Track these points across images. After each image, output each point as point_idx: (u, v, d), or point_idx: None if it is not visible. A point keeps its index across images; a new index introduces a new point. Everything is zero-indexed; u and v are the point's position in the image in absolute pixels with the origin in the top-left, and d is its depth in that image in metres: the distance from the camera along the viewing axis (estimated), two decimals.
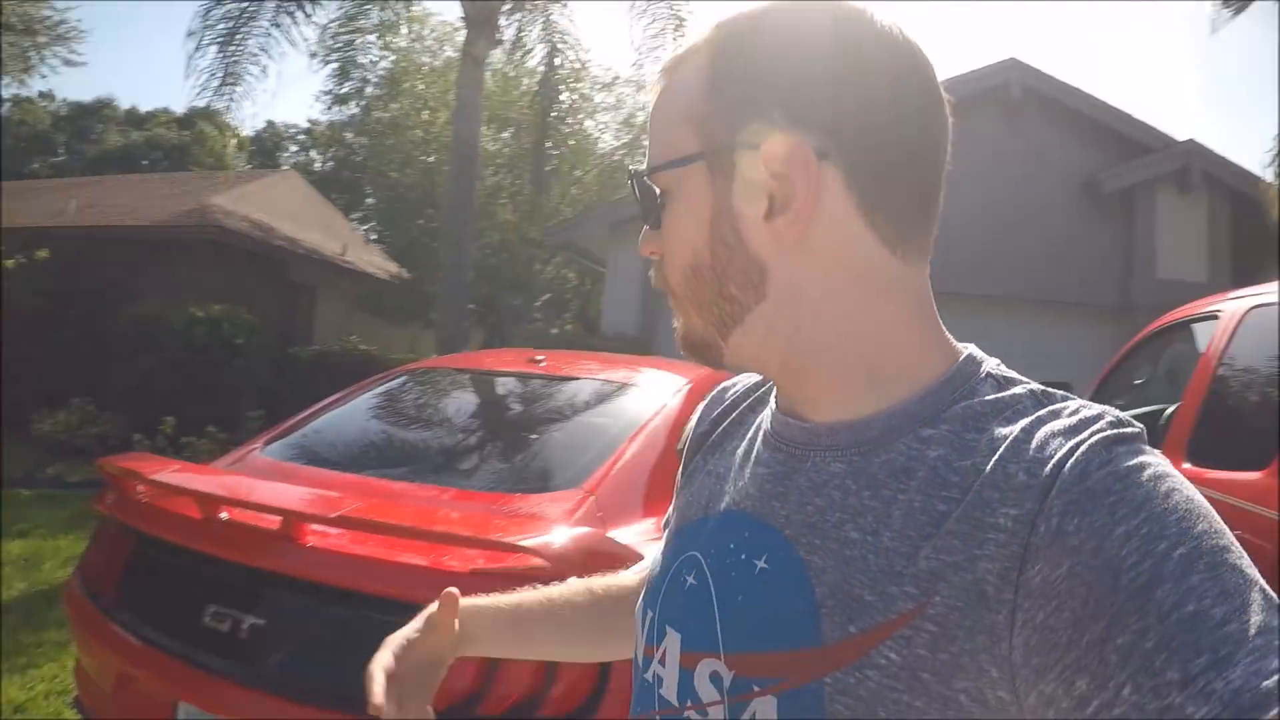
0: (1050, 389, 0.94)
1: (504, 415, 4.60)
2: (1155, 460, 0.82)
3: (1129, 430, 0.85)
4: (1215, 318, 4.90)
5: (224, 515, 2.94)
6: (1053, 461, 0.81)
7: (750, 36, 0.96)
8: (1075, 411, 0.88)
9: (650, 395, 4.31)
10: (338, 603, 2.74)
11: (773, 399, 1.12)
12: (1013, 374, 0.98)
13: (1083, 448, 0.81)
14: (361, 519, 2.75)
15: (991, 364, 1.00)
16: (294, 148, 47.98)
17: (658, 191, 1.03)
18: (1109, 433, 0.83)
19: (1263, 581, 0.73)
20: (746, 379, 1.30)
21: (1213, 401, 4.54)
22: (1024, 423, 0.88)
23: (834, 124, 0.92)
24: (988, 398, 0.93)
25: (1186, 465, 4.23)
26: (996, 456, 0.85)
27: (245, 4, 14.02)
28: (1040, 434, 0.85)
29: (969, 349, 1.01)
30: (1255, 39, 45.10)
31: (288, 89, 39.45)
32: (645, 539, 3.09)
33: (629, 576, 1.48)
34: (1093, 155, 14.54)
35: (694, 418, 1.33)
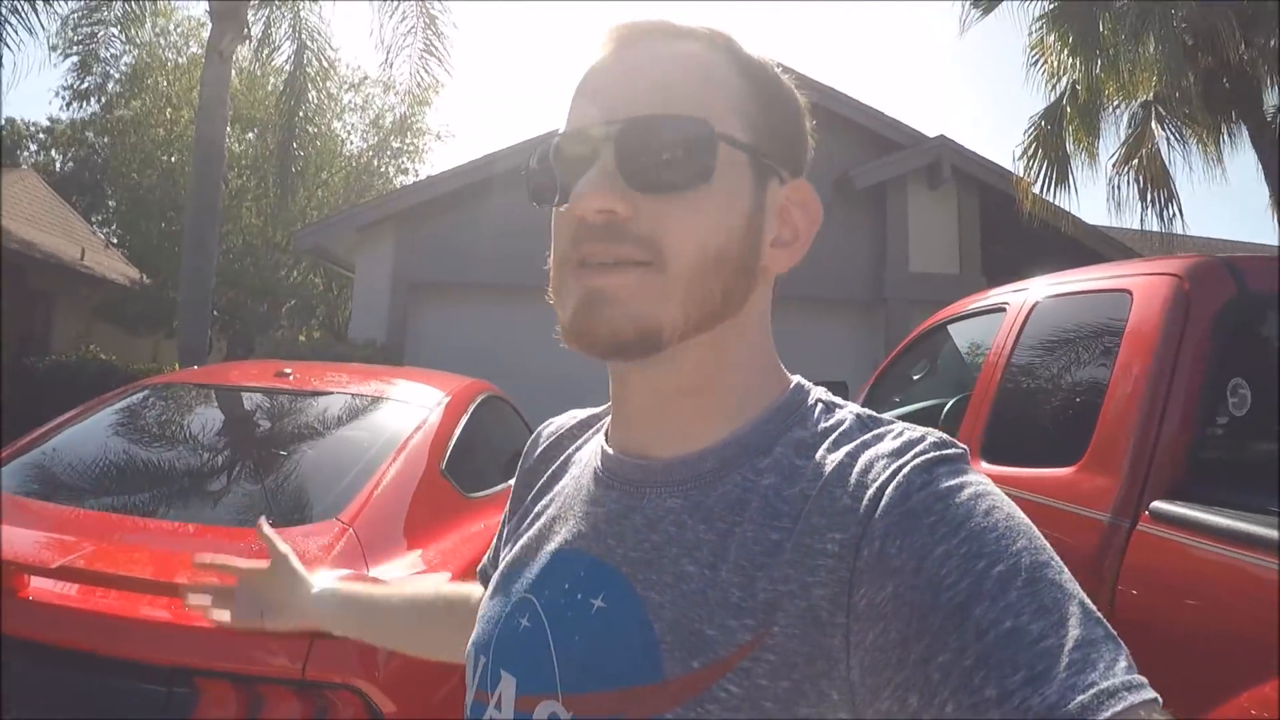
0: (875, 414, 0.97)
1: (252, 436, 4.28)
2: (976, 479, 0.83)
3: (951, 451, 0.86)
4: (1001, 310, 4.76)
5: None
6: (875, 485, 0.82)
7: (779, 80, 1.03)
8: (899, 434, 0.89)
9: (407, 410, 4.13)
10: (67, 666, 2.40)
11: (603, 436, 1.11)
12: (838, 400, 1.02)
13: (904, 470, 0.83)
14: (85, 570, 2.49)
15: (820, 391, 1.03)
16: (34, 147, 45.62)
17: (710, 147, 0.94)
18: (931, 454, 0.85)
19: (1083, 595, 0.74)
20: (566, 420, 1.29)
21: (1006, 397, 4.38)
22: (849, 447, 0.89)
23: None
24: (815, 425, 0.95)
25: (983, 465, 4.05)
26: (823, 482, 0.86)
27: None
28: (864, 458, 0.87)
29: (796, 378, 1.05)
30: (1006, 37, 47.33)
31: (29, 85, 37.50)
32: (412, 573, 2.94)
33: (475, 594, 1.48)
34: (844, 152, 14.85)
35: (522, 456, 1.32)
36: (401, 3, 15.12)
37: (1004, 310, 4.68)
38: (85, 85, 21.82)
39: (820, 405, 0.99)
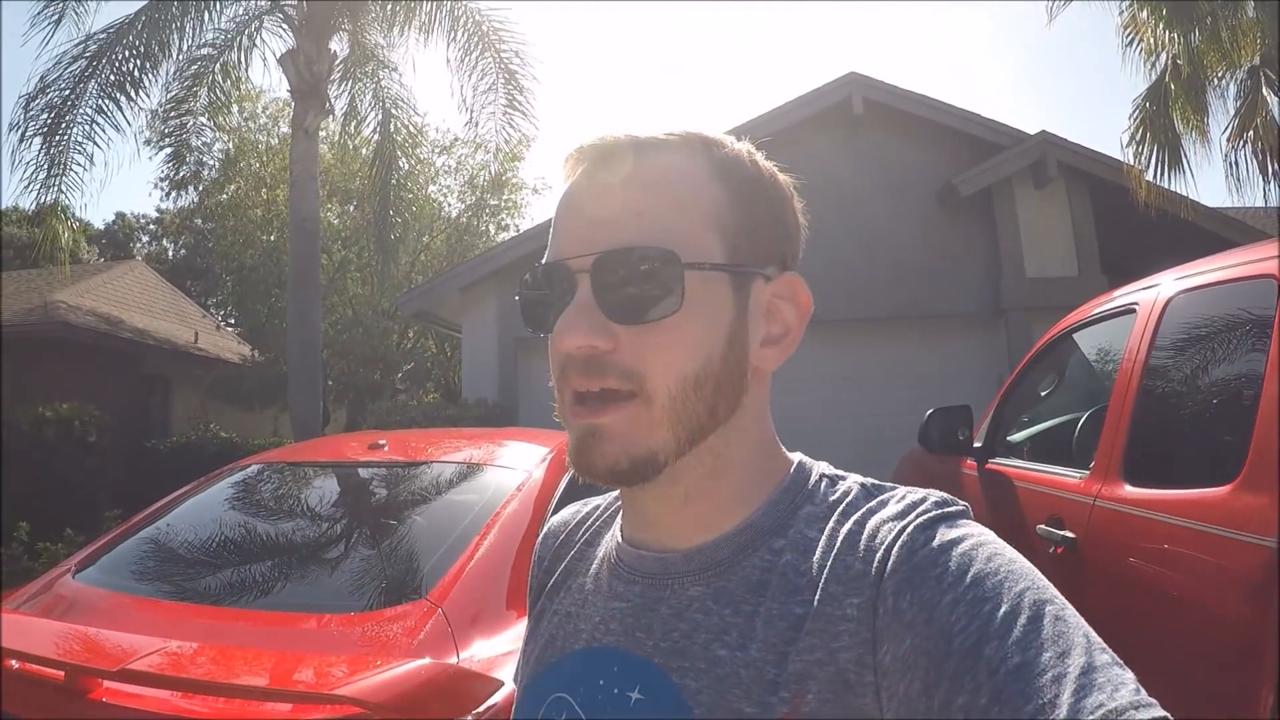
0: (879, 482, 1.02)
1: (341, 515, 4.15)
2: (977, 530, 0.89)
3: (952, 509, 0.92)
4: (1131, 311, 4.18)
5: (14, 664, 2.43)
6: (884, 547, 0.88)
7: (759, 175, 1.06)
8: (902, 498, 0.95)
9: (506, 473, 3.94)
10: None
11: (617, 530, 1.15)
12: (841, 472, 1.07)
13: (909, 529, 0.88)
14: (148, 673, 2.34)
15: (823, 466, 1.08)
16: (146, 238, 47.39)
17: (672, 283, 0.97)
18: (933, 513, 0.91)
19: (1086, 626, 0.78)
20: (571, 515, 1.32)
21: (1146, 410, 3.80)
22: (857, 515, 0.95)
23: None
24: (823, 499, 1.00)
25: (1127, 489, 3.58)
26: (835, 552, 0.91)
27: (67, 93, 13.57)
28: (871, 524, 0.92)
29: (798, 455, 1.10)
30: (1096, 20, 46.18)
31: (135, 178, 39.22)
32: (520, 645, 2.76)
33: None
34: (945, 161, 14.28)
35: (533, 560, 1.33)
36: (480, 59, 15.18)
37: (1134, 311, 4.13)
38: (181, 175, 22.34)
39: (825, 480, 1.05)
